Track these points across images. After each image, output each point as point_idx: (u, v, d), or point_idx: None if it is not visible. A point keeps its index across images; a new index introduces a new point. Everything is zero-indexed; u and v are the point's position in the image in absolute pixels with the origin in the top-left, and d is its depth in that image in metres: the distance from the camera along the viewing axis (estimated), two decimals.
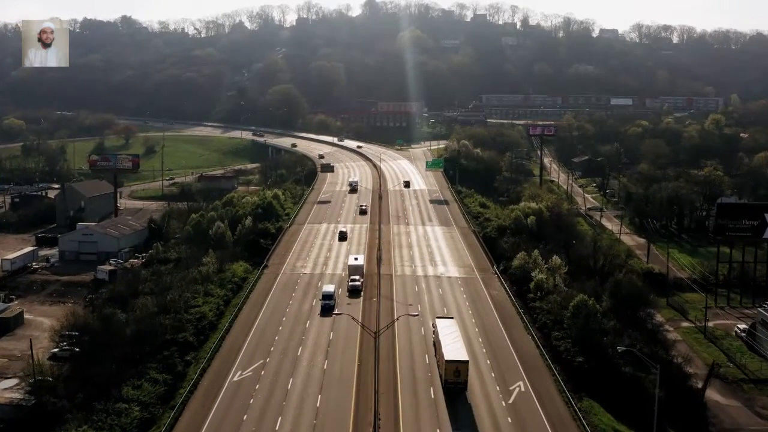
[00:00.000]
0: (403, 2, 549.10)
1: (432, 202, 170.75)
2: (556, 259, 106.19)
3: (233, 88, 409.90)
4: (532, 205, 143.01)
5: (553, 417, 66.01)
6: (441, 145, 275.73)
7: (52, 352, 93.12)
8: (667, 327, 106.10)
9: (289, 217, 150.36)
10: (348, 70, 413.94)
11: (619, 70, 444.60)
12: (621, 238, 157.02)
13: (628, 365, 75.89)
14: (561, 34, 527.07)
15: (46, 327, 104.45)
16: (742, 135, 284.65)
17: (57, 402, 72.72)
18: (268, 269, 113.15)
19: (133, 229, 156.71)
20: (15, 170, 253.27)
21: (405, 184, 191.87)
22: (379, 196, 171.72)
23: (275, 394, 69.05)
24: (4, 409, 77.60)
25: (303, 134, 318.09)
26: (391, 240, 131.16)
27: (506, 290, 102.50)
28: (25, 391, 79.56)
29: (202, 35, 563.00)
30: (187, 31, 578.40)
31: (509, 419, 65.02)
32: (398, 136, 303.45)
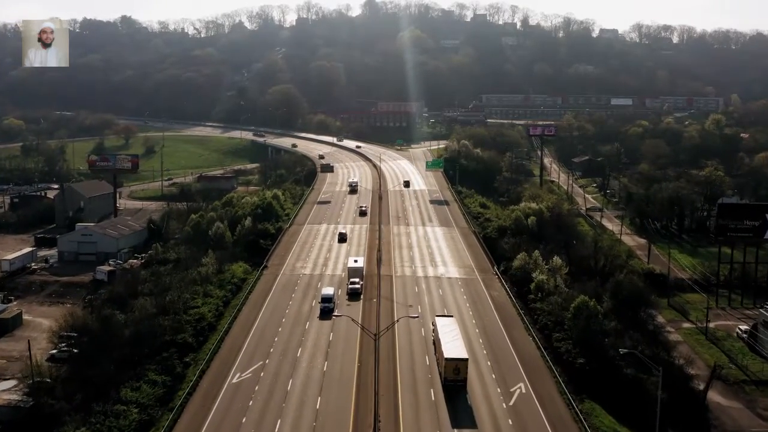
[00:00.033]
0: (403, 2, 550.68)
1: (432, 202, 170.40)
2: (557, 259, 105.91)
3: (233, 88, 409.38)
4: (533, 205, 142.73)
5: (554, 419, 65.77)
6: (441, 145, 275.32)
7: (51, 353, 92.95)
8: (669, 328, 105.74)
9: (289, 218, 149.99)
10: (348, 70, 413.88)
11: (619, 70, 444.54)
12: (621, 239, 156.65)
13: (630, 367, 75.61)
14: (561, 34, 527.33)
15: (45, 328, 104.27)
16: (743, 135, 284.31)
17: (55, 404, 72.59)
18: (268, 270, 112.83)
19: (132, 230, 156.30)
20: (14, 170, 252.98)
21: (405, 184, 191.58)
22: (379, 197, 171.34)
23: (275, 396, 68.70)
24: (2, 411, 77.30)
25: (303, 134, 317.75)
26: (391, 240, 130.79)
27: (507, 291, 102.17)
28: (23, 393, 79.44)
29: (202, 35, 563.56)
30: (186, 31, 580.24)
31: (510, 421, 64.75)
32: (398, 136, 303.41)
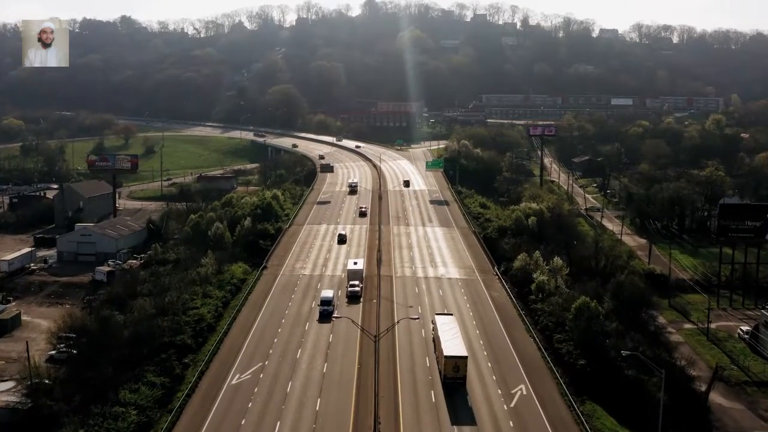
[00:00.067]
0: (403, 2, 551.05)
1: (432, 202, 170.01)
2: (558, 260, 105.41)
3: (233, 88, 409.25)
4: (533, 205, 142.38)
5: (555, 420, 65.43)
6: (441, 145, 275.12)
7: (50, 354, 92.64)
8: (670, 329, 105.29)
9: (289, 218, 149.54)
10: (348, 70, 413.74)
11: (619, 70, 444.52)
12: (622, 239, 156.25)
13: (631, 368, 75.17)
14: (561, 34, 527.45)
15: (44, 329, 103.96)
16: (743, 135, 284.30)
17: (54, 405, 72.14)
18: (267, 270, 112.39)
19: (131, 230, 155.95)
20: (14, 170, 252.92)
21: (405, 185, 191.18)
22: (379, 197, 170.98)
23: (274, 398, 68.31)
24: (0, 413, 76.85)
25: (303, 134, 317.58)
26: (391, 241, 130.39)
27: (507, 292, 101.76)
28: (21, 394, 78.98)
29: (202, 35, 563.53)
30: (186, 31, 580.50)
31: (511, 422, 64.39)
32: (398, 136, 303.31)
